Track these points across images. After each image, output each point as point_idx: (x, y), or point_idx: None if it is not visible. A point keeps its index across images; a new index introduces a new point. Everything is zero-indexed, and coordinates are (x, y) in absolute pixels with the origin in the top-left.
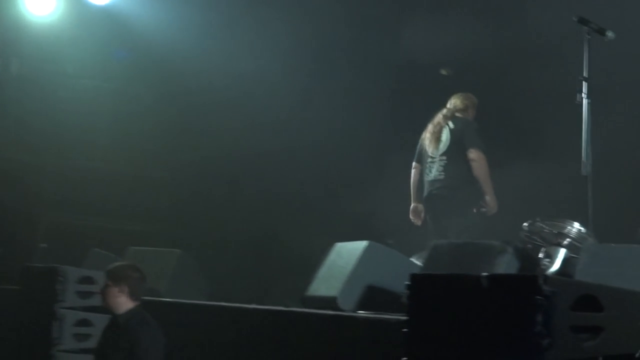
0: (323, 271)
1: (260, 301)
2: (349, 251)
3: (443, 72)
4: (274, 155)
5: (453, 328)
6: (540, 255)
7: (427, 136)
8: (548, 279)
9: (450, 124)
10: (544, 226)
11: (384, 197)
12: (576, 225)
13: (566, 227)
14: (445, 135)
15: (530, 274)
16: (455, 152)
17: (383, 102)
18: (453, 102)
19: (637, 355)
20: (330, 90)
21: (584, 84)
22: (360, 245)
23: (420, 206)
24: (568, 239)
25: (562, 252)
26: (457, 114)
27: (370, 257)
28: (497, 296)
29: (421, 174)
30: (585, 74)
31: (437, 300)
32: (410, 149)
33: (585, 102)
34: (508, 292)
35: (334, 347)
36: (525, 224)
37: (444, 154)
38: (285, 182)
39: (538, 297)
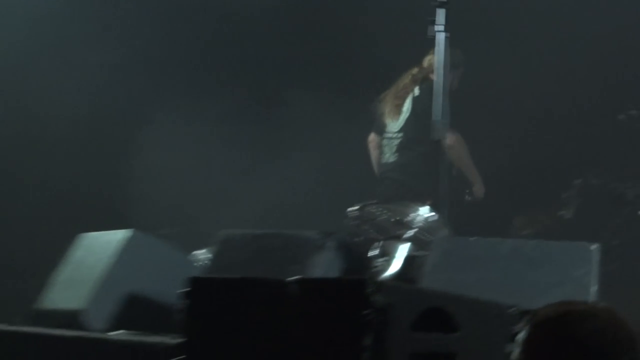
0: (63, 274)
1: None
2: (102, 245)
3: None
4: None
5: (248, 352)
6: (373, 251)
7: (386, 102)
8: (382, 285)
9: (416, 90)
10: (378, 211)
11: (148, 177)
12: (423, 210)
13: (409, 213)
14: (407, 105)
15: (357, 277)
16: (414, 129)
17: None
18: (429, 60)
19: None
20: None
21: (440, 12)
22: (119, 236)
23: None
24: (412, 230)
25: (403, 248)
26: (431, 76)
27: (134, 253)
28: (310, 308)
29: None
30: None
31: (226, 314)
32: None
33: (441, 36)
34: (326, 302)
35: None
36: (352, 208)
37: (400, 129)
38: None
39: (366, 310)
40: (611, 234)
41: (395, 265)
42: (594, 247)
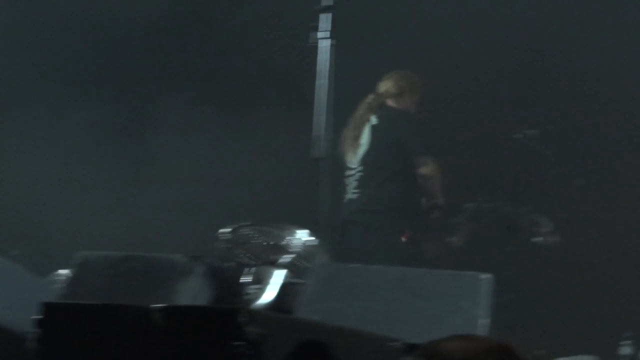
0: None
1: None
2: None
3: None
4: None
5: None
6: (246, 278)
7: (345, 138)
8: (255, 314)
9: (374, 119)
10: (252, 234)
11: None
12: (301, 234)
13: (285, 237)
14: (365, 136)
15: (228, 306)
16: (375, 161)
17: None
18: (383, 85)
19: None
20: None
21: (324, 18)
22: None
23: None
24: (288, 255)
25: (278, 275)
26: (389, 102)
27: None
28: (176, 338)
29: None
30: (329, 2)
31: (83, 343)
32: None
33: (325, 44)
34: (193, 332)
35: None
36: (224, 230)
37: (361, 163)
38: None
39: (238, 342)
40: (503, 263)
41: (270, 293)
42: (485, 277)
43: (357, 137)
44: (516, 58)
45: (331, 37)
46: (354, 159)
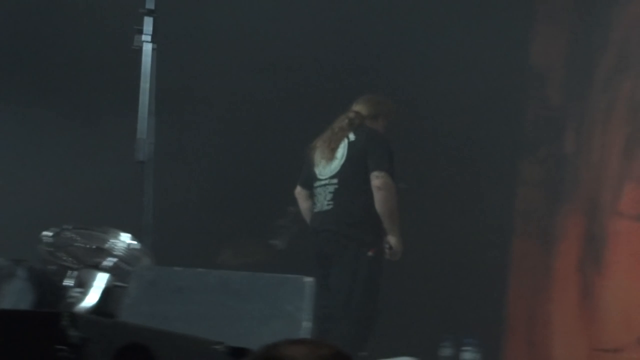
0: None
1: None
2: None
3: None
4: None
5: None
6: (68, 281)
7: (318, 148)
8: (77, 318)
9: (352, 136)
10: (75, 237)
11: None
12: (124, 237)
13: (108, 240)
14: (342, 150)
15: (50, 310)
16: (351, 174)
17: None
18: (360, 108)
19: None
20: None
21: (148, 21)
22: None
23: None
24: (111, 258)
25: (101, 278)
26: (367, 122)
27: None
28: None
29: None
30: (151, 5)
31: None
32: None
33: (149, 47)
34: (15, 336)
35: None
36: (47, 232)
37: (335, 175)
38: None
39: (60, 346)
40: None
41: (93, 297)
42: (308, 280)
43: (334, 150)
44: (332, 61)
45: (152, 41)
46: (328, 170)
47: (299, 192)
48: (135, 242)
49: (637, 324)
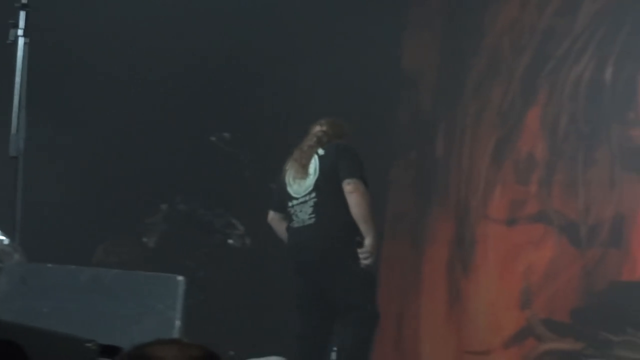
0: None
1: None
2: None
3: None
4: None
5: None
6: None
7: (288, 169)
8: None
9: (320, 151)
10: None
11: None
12: None
13: None
14: (314, 166)
15: None
16: (328, 187)
17: None
18: (326, 128)
19: None
20: None
21: (22, 15)
22: None
23: None
24: None
25: None
26: (335, 140)
27: None
28: None
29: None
30: None
31: None
32: None
33: (22, 42)
34: None
35: None
36: None
37: (312, 191)
38: None
39: None
40: (198, 264)
41: None
42: (180, 278)
43: (305, 166)
44: (213, 59)
45: (25, 35)
46: (302, 188)
47: (272, 217)
48: (5, 238)
49: (505, 327)
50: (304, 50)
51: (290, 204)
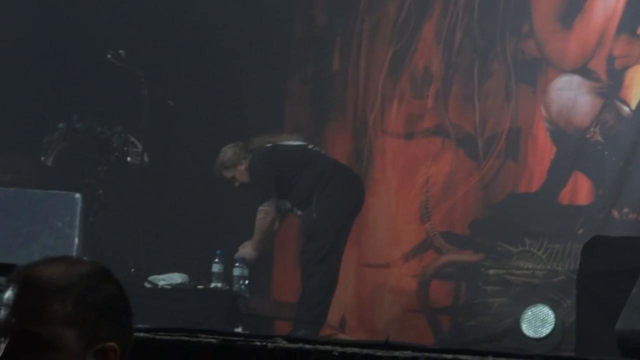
0: None
1: None
2: None
3: None
4: None
5: None
6: None
7: None
8: None
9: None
10: None
11: None
12: None
13: None
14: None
15: None
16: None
17: None
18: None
19: None
20: None
21: None
22: None
23: None
24: None
25: None
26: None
27: None
28: None
29: None
30: None
31: None
32: None
33: None
34: None
35: None
36: None
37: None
38: None
39: None
40: (97, 182)
41: None
42: (77, 196)
43: None
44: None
45: None
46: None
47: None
48: None
49: (405, 240)
50: None
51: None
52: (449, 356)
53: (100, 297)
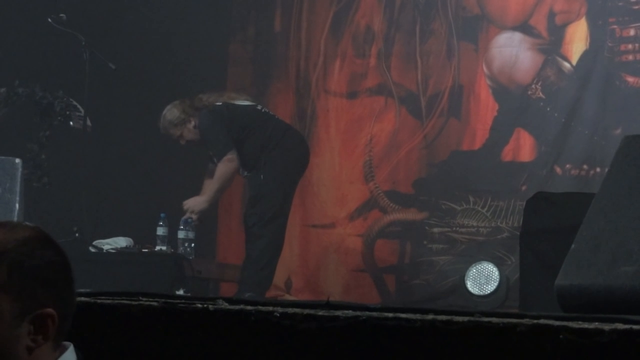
0: None
1: None
2: None
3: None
4: None
5: None
6: None
7: None
8: None
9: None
10: None
11: None
12: None
13: None
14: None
15: None
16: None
17: None
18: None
19: None
20: None
21: None
22: None
23: None
24: None
25: None
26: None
27: None
28: None
29: None
30: None
31: None
32: None
33: None
34: None
35: None
36: None
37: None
38: None
39: None
40: (39, 146)
41: None
42: (17, 161)
43: None
44: None
45: None
46: None
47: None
48: None
49: (349, 200)
50: None
51: None
52: (390, 314)
53: (37, 263)
